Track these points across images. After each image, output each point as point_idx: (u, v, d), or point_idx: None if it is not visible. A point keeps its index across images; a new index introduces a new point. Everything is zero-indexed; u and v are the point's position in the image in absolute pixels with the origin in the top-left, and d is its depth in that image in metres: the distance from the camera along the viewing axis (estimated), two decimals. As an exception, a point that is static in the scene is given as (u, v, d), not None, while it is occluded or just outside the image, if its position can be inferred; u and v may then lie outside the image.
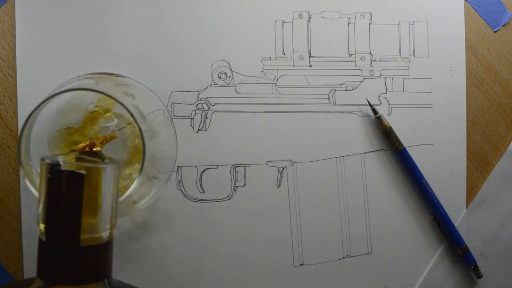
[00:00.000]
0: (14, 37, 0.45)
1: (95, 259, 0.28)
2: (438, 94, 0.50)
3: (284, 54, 0.48)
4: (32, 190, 0.35)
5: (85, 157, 0.31)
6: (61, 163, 0.27)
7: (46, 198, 0.27)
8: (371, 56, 0.49)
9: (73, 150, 0.32)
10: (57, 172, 0.27)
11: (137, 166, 0.40)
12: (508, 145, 0.51)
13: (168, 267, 0.46)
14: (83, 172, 0.27)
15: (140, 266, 0.46)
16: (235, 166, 0.47)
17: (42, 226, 0.28)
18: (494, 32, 0.52)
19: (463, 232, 0.49)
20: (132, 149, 0.41)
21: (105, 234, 0.28)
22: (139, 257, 0.46)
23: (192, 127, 0.47)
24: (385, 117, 0.48)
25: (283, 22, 0.48)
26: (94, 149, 0.33)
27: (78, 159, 0.31)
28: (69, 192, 0.27)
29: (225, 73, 0.47)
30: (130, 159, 0.41)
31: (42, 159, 0.28)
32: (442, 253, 0.49)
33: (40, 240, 0.28)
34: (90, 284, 0.28)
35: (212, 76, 0.47)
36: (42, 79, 0.45)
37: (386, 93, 0.49)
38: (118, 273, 0.45)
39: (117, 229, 0.45)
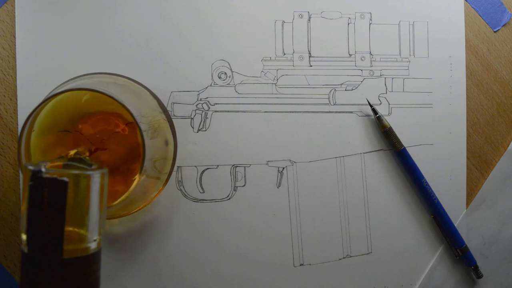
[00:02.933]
0: (14, 37, 0.43)
1: (80, 272, 0.24)
2: (438, 94, 0.47)
3: (284, 54, 0.45)
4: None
5: (73, 163, 0.27)
6: (43, 169, 0.23)
7: (27, 207, 0.23)
8: (371, 56, 0.46)
9: (61, 157, 0.28)
10: (39, 179, 0.23)
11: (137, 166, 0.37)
12: (508, 145, 0.48)
13: (168, 267, 0.44)
14: (65, 179, 0.23)
15: (140, 266, 0.43)
16: (235, 166, 0.44)
17: (24, 236, 0.24)
18: (494, 32, 0.48)
19: (463, 232, 0.47)
20: (132, 149, 0.38)
21: (92, 245, 0.25)
22: (139, 257, 0.43)
23: (192, 127, 0.44)
24: (385, 117, 0.46)
25: (283, 22, 0.45)
26: (82, 156, 0.29)
27: (65, 166, 0.27)
28: (51, 200, 0.23)
29: (225, 73, 0.44)
30: (130, 159, 0.38)
31: (25, 166, 0.24)
32: (442, 253, 0.46)
33: (22, 252, 0.24)
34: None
35: (212, 76, 0.44)
36: (42, 79, 0.43)
37: (386, 93, 0.46)
38: (117, 273, 0.42)
39: (117, 229, 0.42)
